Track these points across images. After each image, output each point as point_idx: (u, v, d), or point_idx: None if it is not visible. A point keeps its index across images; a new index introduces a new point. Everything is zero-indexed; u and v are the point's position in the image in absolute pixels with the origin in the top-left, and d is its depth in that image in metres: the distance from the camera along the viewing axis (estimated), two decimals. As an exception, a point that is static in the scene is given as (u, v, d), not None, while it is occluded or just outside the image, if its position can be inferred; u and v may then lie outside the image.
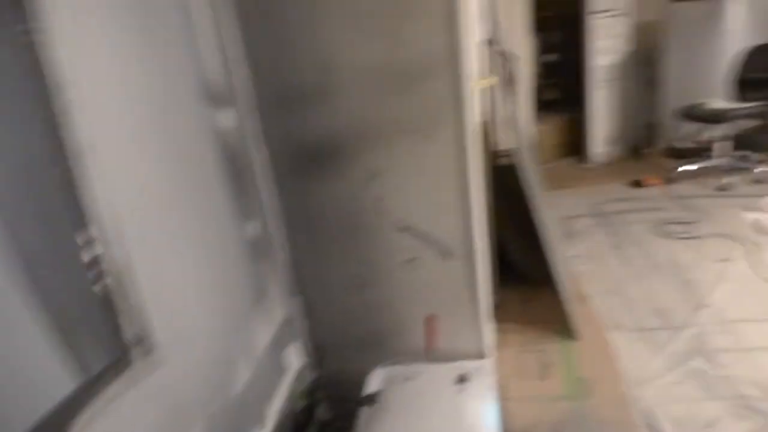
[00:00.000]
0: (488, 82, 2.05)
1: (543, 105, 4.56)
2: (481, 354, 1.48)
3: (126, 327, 0.87)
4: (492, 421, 1.19)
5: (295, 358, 1.58)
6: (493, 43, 2.59)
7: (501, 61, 2.79)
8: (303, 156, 1.42)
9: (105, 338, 0.86)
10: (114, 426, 0.83)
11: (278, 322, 1.51)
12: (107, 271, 0.84)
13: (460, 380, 1.28)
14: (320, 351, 1.61)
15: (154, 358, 0.93)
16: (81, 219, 0.80)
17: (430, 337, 1.42)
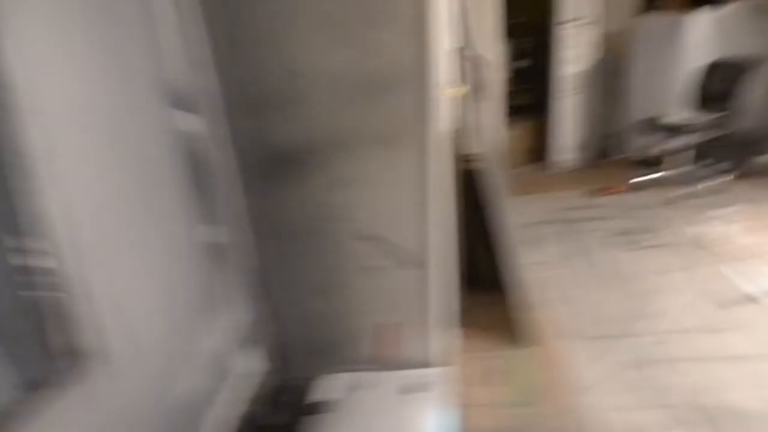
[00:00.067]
0: (458, 91, 2.07)
1: (513, 110, 4.64)
2: (433, 363, 1.51)
3: (75, 337, 0.85)
4: (436, 430, 1.21)
5: (256, 364, 1.57)
6: (464, 50, 2.62)
7: (472, 68, 2.83)
8: (269, 161, 1.41)
9: (51, 349, 0.84)
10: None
11: (239, 328, 1.50)
12: (56, 280, 0.82)
13: (408, 390, 1.30)
14: (282, 356, 1.61)
15: (106, 368, 0.91)
16: (27, 226, 0.78)
17: (382, 346, 1.44)
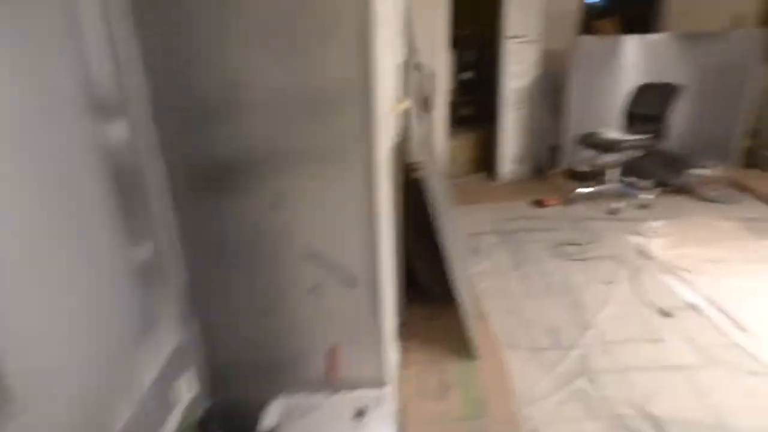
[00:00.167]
0: (404, 106, 2.06)
1: (458, 121, 4.73)
2: (383, 382, 1.48)
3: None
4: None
5: (188, 388, 1.48)
6: (410, 62, 2.63)
7: (418, 79, 2.84)
8: (205, 175, 1.33)
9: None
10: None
11: (169, 351, 1.41)
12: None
13: (359, 414, 1.27)
14: (218, 379, 1.52)
15: (11, 406, 0.81)
16: None
17: (332, 367, 1.40)
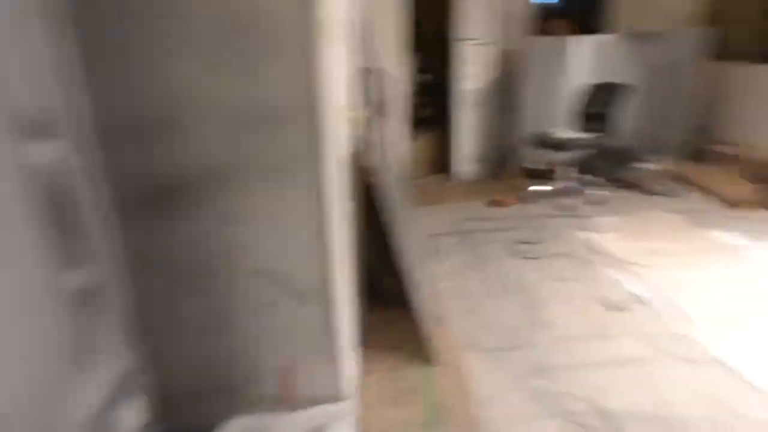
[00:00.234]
0: (360, 112, 2.05)
1: (418, 122, 4.76)
2: (341, 397, 1.47)
3: None
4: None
5: (138, 415, 1.42)
6: (367, 67, 2.62)
7: (376, 84, 2.83)
8: (150, 194, 1.28)
9: None
10: None
11: (115, 377, 1.35)
12: None
13: (316, 429, 1.25)
14: (170, 404, 1.47)
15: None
16: None
17: (287, 386, 1.38)
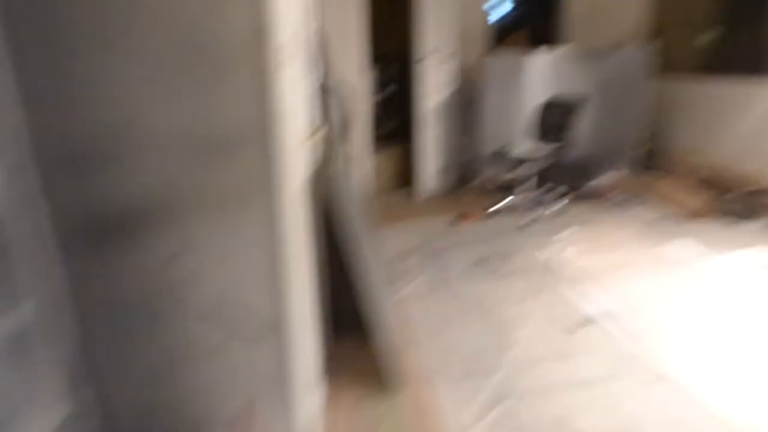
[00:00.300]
0: (320, 133, 2.00)
1: (381, 137, 4.73)
2: (301, 435, 1.40)
3: None
4: None
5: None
6: (327, 85, 2.56)
7: (336, 101, 2.78)
8: (92, 228, 1.17)
9: None
10: None
11: (57, 423, 1.23)
12: None
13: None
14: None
15: None
16: None
17: (243, 430, 1.29)
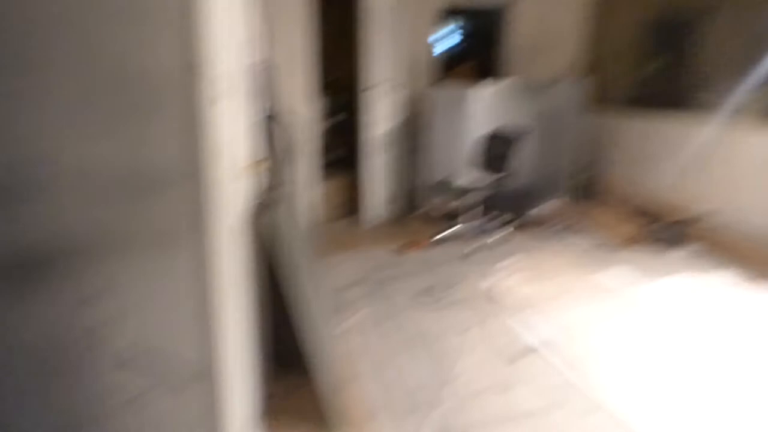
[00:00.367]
0: (262, 165, 1.96)
1: (329, 165, 4.71)
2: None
3: None
4: None
5: None
6: (273, 115, 2.54)
7: (281, 129, 2.75)
8: (1, 267, 1.08)
9: None
10: None
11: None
12: None
13: None
14: None
15: None
16: None
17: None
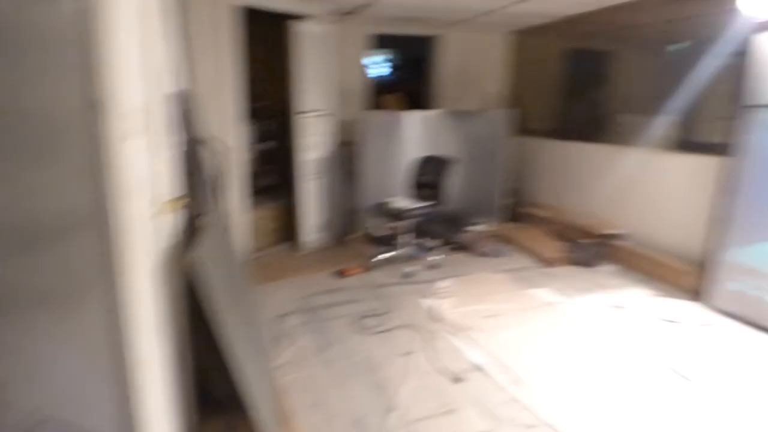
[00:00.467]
0: (182, 200, 1.86)
1: (260, 191, 4.60)
2: None
3: None
4: None
5: None
6: (195, 146, 2.44)
7: (207, 160, 2.65)
8: None
9: None
10: None
11: None
12: None
13: None
14: None
15: None
16: None
17: None
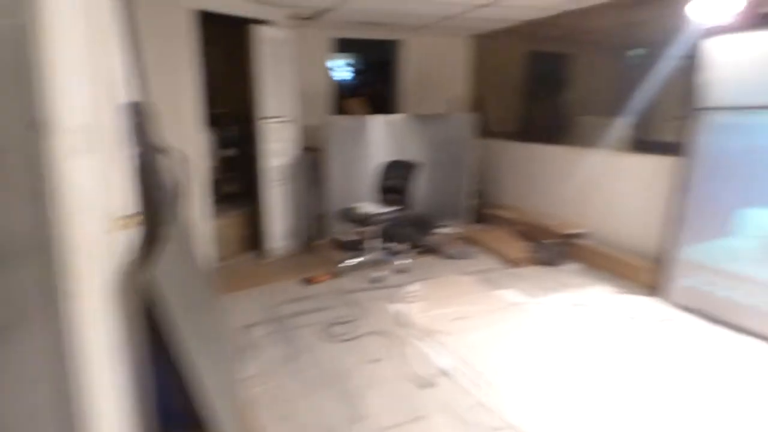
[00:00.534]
0: (133, 219, 1.79)
1: (222, 199, 4.50)
2: None
3: None
4: None
5: None
6: (151, 158, 2.36)
7: (166, 170, 2.57)
8: None
9: None
10: None
11: None
12: None
13: None
14: None
15: None
16: None
17: None
